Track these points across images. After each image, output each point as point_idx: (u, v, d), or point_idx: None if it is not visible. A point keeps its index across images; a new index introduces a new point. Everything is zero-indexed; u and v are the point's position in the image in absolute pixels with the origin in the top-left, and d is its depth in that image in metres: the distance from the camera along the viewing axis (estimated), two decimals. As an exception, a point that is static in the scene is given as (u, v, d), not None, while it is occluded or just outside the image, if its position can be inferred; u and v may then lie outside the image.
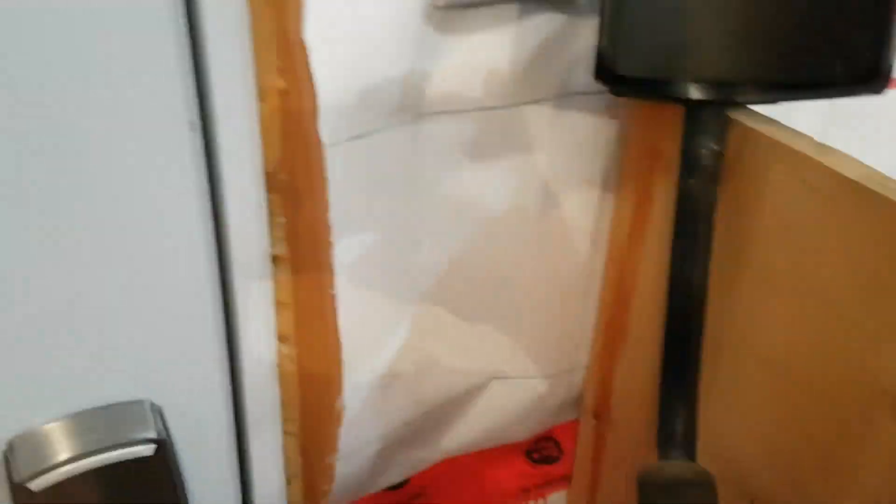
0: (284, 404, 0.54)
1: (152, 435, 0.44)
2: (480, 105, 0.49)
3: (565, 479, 0.72)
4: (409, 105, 0.47)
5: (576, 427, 0.69)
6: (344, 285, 0.51)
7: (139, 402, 0.45)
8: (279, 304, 0.51)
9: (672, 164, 0.52)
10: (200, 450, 0.50)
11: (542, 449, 0.70)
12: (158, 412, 0.45)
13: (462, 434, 0.65)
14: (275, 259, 0.49)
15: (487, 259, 0.56)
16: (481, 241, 0.55)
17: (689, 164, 0.46)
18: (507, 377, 0.63)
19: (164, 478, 0.45)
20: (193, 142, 0.41)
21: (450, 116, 0.49)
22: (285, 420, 0.55)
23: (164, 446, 0.44)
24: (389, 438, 0.60)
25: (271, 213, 0.47)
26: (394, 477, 0.63)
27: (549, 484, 0.71)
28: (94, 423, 0.43)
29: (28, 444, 0.42)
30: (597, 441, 0.66)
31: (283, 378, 0.53)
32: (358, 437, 0.58)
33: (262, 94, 0.43)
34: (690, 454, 0.45)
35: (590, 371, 0.64)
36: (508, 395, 0.64)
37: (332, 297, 0.51)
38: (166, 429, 0.46)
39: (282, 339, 0.53)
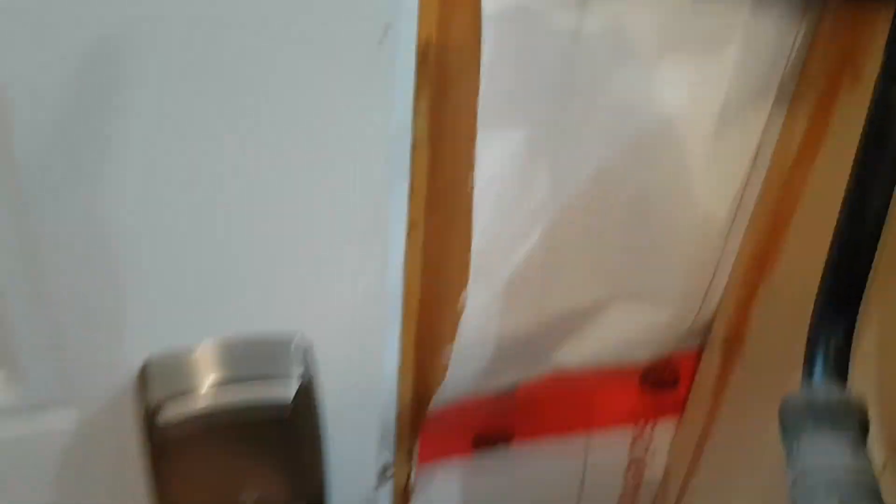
0: (406, 291, 0.53)
1: (299, 372, 0.39)
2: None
3: (677, 408, 0.69)
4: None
5: (697, 356, 0.66)
6: (483, 179, 0.48)
7: (288, 338, 0.40)
8: (412, 190, 0.49)
9: (862, 74, 0.46)
10: (347, 393, 0.46)
11: (659, 374, 0.67)
12: (308, 349, 0.41)
13: (579, 349, 0.63)
14: (415, 142, 0.47)
15: (635, 174, 0.52)
16: (633, 154, 0.51)
17: (892, 71, 0.40)
18: (633, 298, 0.60)
19: (307, 418, 0.41)
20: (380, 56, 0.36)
21: (621, 2, 0.44)
22: (406, 305, 0.54)
23: (309, 385, 0.40)
24: (506, 342, 0.58)
25: (417, 90, 0.45)
26: (505, 382, 0.62)
27: (661, 411, 0.69)
28: (241, 353, 0.39)
29: (165, 367, 0.38)
30: (722, 370, 0.62)
31: (407, 263, 0.52)
32: (476, 335, 0.56)
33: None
34: (842, 384, 0.41)
35: (726, 298, 0.60)
36: (631, 317, 0.61)
37: (470, 189, 0.49)
38: (312, 368, 0.41)
39: (412, 224, 0.51)
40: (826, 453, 0.39)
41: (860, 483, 0.38)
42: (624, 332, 0.62)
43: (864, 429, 0.41)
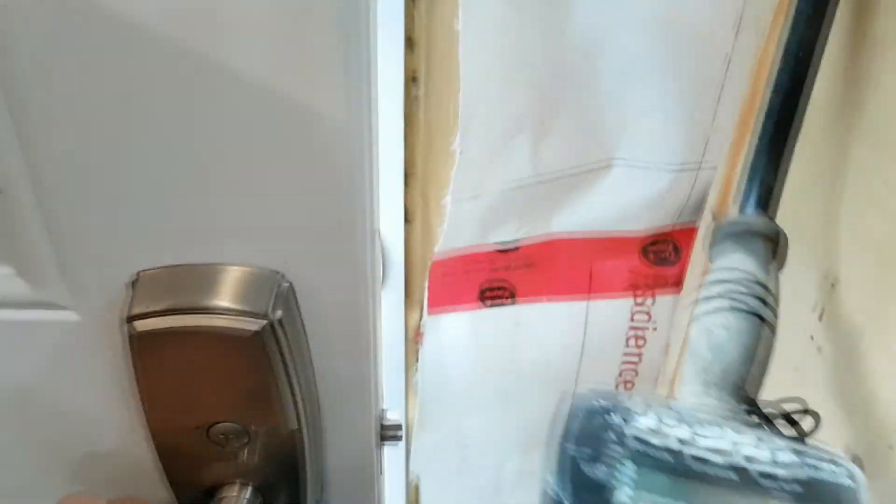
0: (410, 146, 0.60)
1: (275, 311, 0.41)
2: None
3: (678, 282, 0.72)
4: None
5: (696, 233, 0.69)
6: (469, 26, 0.54)
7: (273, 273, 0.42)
8: (410, 42, 0.56)
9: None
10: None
11: (660, 249, 0.71)
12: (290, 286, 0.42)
13: (580, 212, 0.68)
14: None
15: (621, 35, 0.56)
16: (625, 17, 0.54)
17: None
18: (630, 164, 0.64)
19: (277, 352, 0.42)
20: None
21: None
22: (409, 162, 0.61)
23: (281, 322, 0.41)
24: (504, 195, 0.64)
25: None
26: (504, 235, 0.68)
27: (661, 285, 0.73)
28: (224, 279, 0.41)
29: (151, 283, 0.41)
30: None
31: (410, 119, 0.58)
32: (470, 184, 0.63)
33: None
34: (767, 216, 0.45)
35: (720, 170, 0.63)
36: (629, 183, 0.65)
37: (457, 34, 0.54)
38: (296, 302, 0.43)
39: (413, 79, 0.58)
40: (732, 265, 0.44)
41: (750, 288, 0.42)
42: (623, 198, 0.66)
43: (774, 251, 0.44)
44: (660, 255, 0.71)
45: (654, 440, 0.39)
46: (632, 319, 0.75)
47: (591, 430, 0.40)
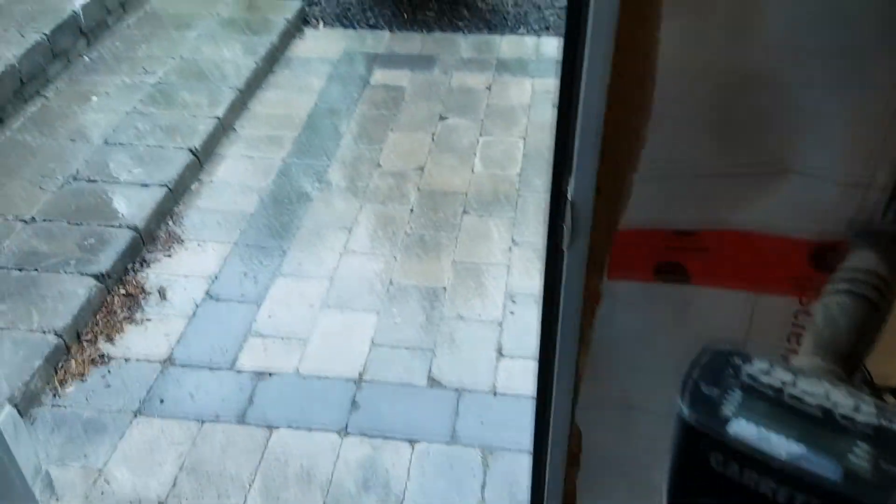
0: (606, 125, 0.73)
1: None
2: None
3: (842, 291, 0.79)
4: None
5: (867, 246, 0.75)
6: (667, 34, 0.66)
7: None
8: (618, 45, 0.69)
9: None
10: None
11: (829, 256, 0.78)
12: None
13: (755, 210, 0.76)
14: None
15: (805, 53, 0.65)
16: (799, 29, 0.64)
17: None
18: (806, 172, 0.72)
19: None
20: None
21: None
22: (605, 138, 0.74)
23: None
24: (688, 181, 0.75)
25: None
26: (685, 221, 0.79)
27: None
28: None
29: None
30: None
31: (611, 104, 0.72)
32: (656, 168, 0.75)
33: None
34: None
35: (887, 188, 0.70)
36: (803, 190, 0.73)
37: (658, 39, 0.67)
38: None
39: (618, 75, 0.71)
40: (860, 261, 0.53)
41: (870, 280, 0.52)
42: (795, 204, 0.74)
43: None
44: (828, 262, 0.78)
45: (763, 378, 0.51)
46: (795, 318, 0.82)
47: (715, 364, 0.53)
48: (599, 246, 0.82)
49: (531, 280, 2.44)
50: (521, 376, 2.12)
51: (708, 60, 0.68)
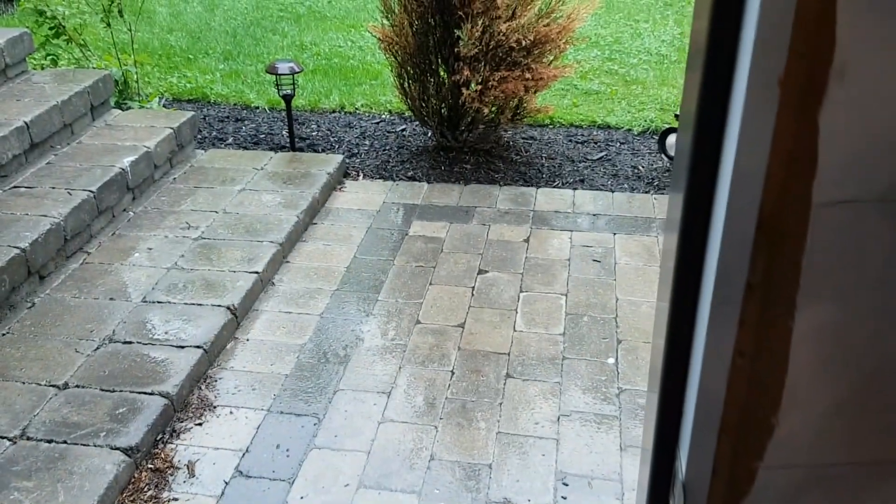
0: (727, 406, 0.65)
1: None
2: None
3: None
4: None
5: None
6: (803, 319, 0.59)
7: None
8: (743, 323, 0.62)
9: None
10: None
11: None
12: None
13: (890, 501, 0.67)
14: (749, 285, 0.60)
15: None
16: None
17: None
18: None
19: None
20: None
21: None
22: (724, 419, 0.66)
23: None
24: (814, 471, 0.66)
25: (756, 248, 0.58)
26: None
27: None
28: None
29: None
30: None
31: (732, 386, 0.64)
32: (784, 456, 0.65)
33: (774, 158, 0.54)
34: None
35: None
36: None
37: (790, 328, 0.60)
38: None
39: (740, 353, 0.64)
40: None
41: None
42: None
43: None
44: None
45: None
46: None
47: None
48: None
49: (582, 458, 2.28)
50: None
51: (847, 349, 0.60)
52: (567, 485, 2.19)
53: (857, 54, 0.50)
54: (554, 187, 3.89)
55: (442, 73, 3.93)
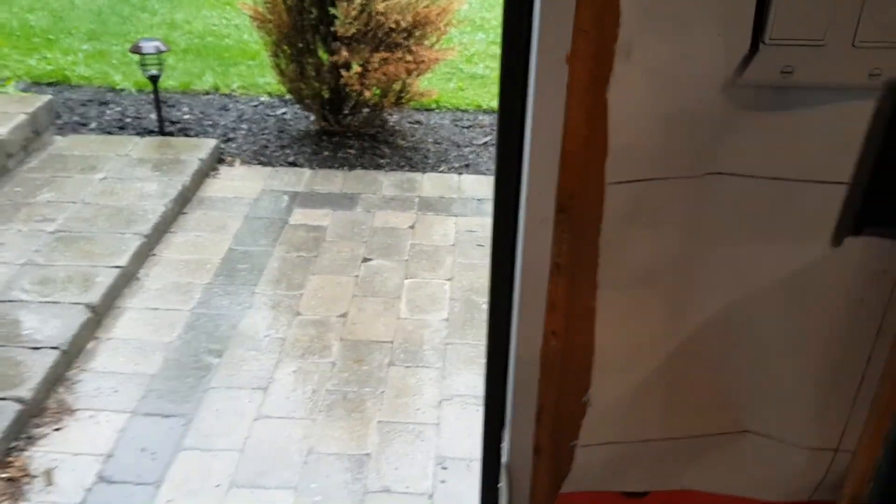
0: (542, 386, 0.63)
1: None
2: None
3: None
4: (698, 164, 0.51)
5: (834, 510, 0.65)
6: (606, 300, 0.57)
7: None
8: (552, 304, 0.60)
9: None
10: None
11: (795, 519, 0.67)
12: None
13: (712, 472, 0.67)
14: (555, 266, 0.58)
15: (754, 321, 0.57)
16: (751, 304, 0.56)
17: None
18: (763, 436, 0.63)
19: None
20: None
21: (739, 179, 0.51)
22: (541, 404, 0.64)
23: None
24: (632, 447, 0.65)
25: (557, 228, 0.55)
26: (632, 484, 0.68)
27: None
28: None
29: None
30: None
31: (545, 367, 0.62)
32: (601, 434, 0.64)
33: (568, 138, 0.51)
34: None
35: (856, 455, 0.60)
36: (762, 453, 0.64)
37: (594, 307, 0.58)
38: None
39: (553, 333, 0.61)
40: None
41: None
42: (753, 467, 0.64)
43: None
44: (795, 525, 0.68)
45: None
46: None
47: None
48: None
49: (461, 441, 2.28)
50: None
51: (653, 329, 0.59)
52: (446, 468, 2.18)
53: (643, 32, 0.48)
54: (440, 172, 3.86)
55: (321, 55, 3.81)
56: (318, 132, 4.09)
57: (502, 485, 0.70)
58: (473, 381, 2.53)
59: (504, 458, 0.70)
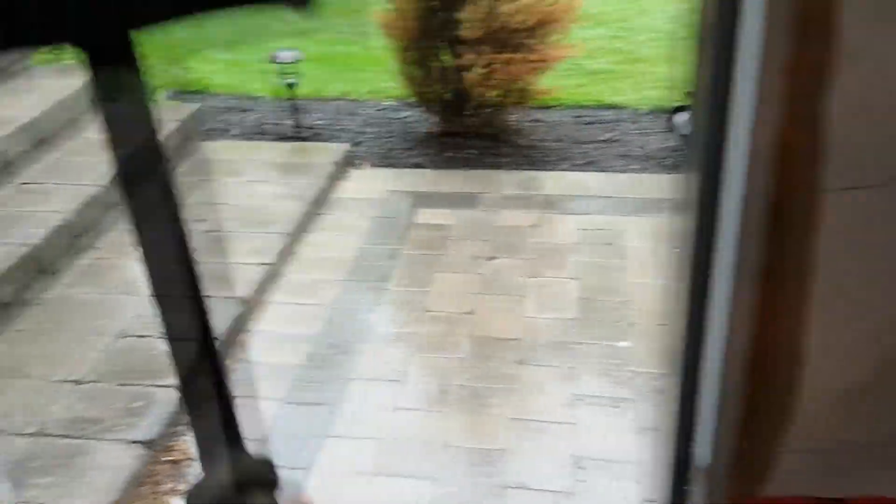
0: (747, 390, 0.65)
1: None
2: None
3: None
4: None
5: None
6: (819, 307, 0.58)
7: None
8: (759, 309, 0.61)
9: None
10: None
11: None
12: None
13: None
14: (768, 270, 0.59)
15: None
16: None
17: None
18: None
19: None
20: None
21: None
22: (743, 404, 0.65)
23: None
24: (834, 453, 0.66)
25: (768, 232, 0.57)
26: (829, 490, 0.69)
27: None
28: None
29: None
30: None
31: (753, 372, 0.64)
32: (804, 439, 0.65)
33: (785, 145, 0.53)
34: None
35: None
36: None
37: (805, 315, 0.59)
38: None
39: (757, 338, 0.63)
40: None
41: None
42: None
43: None
44: None
45: None
46: None
47: None
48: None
49: (598, 442, 2.29)
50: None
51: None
52: (583, 468, 2.20)
53: (873, 37, 0.49)
54: (562, 170, 3.86)
55: (445, 58, 3.90)
56: (441, 134, 4.18)
57: (693, 487, 0.72)
58: (605, 382, 2.53)
59: (697, 461, 0.72)
